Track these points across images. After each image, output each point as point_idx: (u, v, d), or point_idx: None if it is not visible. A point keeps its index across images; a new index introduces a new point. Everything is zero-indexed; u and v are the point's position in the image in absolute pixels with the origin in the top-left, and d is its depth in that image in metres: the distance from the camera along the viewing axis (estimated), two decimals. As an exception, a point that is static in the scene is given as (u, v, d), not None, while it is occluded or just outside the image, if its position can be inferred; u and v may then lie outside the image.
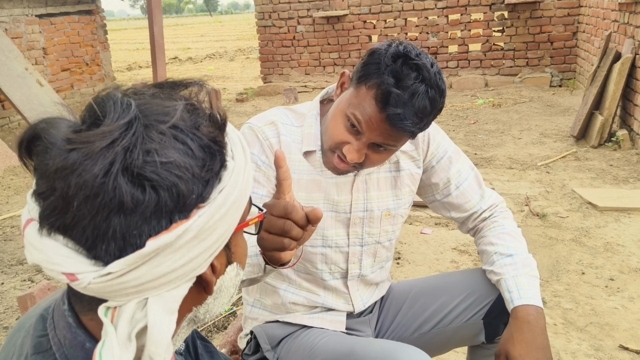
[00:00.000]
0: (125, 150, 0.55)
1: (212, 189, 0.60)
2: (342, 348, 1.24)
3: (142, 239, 0.56)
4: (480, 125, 5.96)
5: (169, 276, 0.59)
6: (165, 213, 0.57)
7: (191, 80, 0.66)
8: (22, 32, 7.54)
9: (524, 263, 1.32)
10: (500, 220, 1.43)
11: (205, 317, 0.71)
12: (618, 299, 2.51)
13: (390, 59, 1.15)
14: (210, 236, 0.61)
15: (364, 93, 1.17)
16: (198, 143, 0.60)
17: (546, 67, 7.85)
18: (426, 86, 1.13)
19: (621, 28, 5.37)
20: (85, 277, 0.56)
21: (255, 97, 8.85)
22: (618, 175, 4.14)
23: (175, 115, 0.59)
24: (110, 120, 0.57)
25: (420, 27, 8.24)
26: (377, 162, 1.24)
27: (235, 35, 26.28)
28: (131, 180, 0.55)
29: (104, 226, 0.55)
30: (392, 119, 1.13)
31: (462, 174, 1.43)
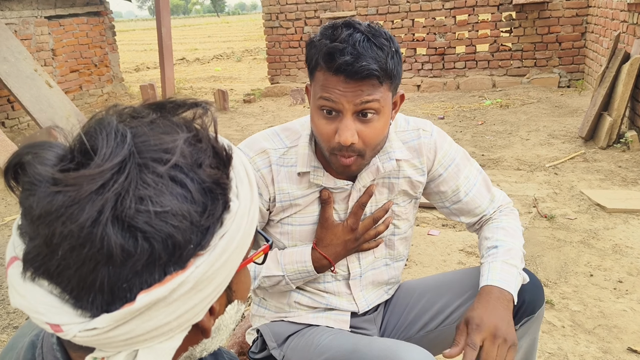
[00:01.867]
0: (116, 196, 0.50)
1: (212, 236, 0.55)
2: (347, 346, 1.26)
3: (133, 293, 0.52)
4: (487, 126, 5.95)
5: (161, 329, 0.55)
6: (159, 265, 0.52)
7: (195, 100, 0.60)
8: (31, 33, 7.60)
9: (504, 252, 1.32)
10: (500, 217, 1.44)
11: (202, 354, 0.67)
12: (626, 301, 2.49)
13: (320, 35, 1.18)
14: (209, 285, 0.56)
15: (317, 76, 1.19)
16: (199, 185, 0.54)
17: (554, 68, 7.82)
18: (363, 35, 1.14)
19: (630, 28, 5.34)
20: (71, 330, 0.53)
21: (263, 98, 8.86)
22: (627, 176, 4.12)
23: (175, 152, 0.53)
24: (101, 158, 0.51)
25: (427, 28, 8.23)
26: (375, 134, 1.20)
27: (242, 36, 26.34)
28: (121, 230, 0.50)
29: (90, 278, 0.51)
30: (346, 69, 1.12)
31: (470, 180, 1.42)
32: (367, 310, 1.46)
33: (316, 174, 1.31)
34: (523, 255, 1.37)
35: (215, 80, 11.88)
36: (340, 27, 1.16)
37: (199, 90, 10.35)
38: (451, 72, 8.29)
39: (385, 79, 1.16)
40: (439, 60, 8.29)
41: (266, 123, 6.98)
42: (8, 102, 7.10)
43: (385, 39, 1.16)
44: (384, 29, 1.19)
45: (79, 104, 8.18)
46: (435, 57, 8.29)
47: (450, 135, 6.01)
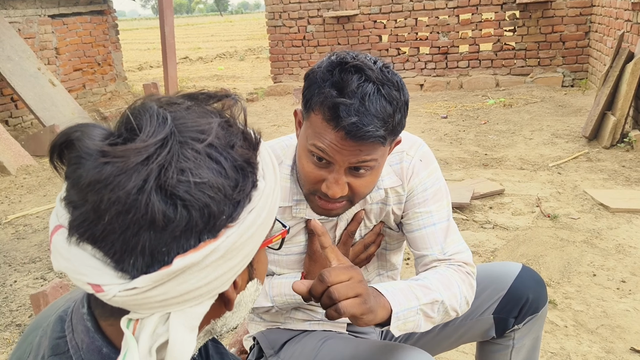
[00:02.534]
0: (159, 167, 0.55)
1: (242, 210, 0.61)
2: (346, 351, 1.24)
3: (170, 256, 0.57)
4: (491, 126, 5.94)
5: (193, 293, 0.59)
6: (195, 232, 0.57)
7: (226, 92, 0.66)
8: (35, 32, 7.61)
9: (420, 285, 1.15)
10: (444, 268, 1.25)
11: (222, 329, 0.72)
12: (630, 301, 2.49)
13: (325, 72, 1.06)
14: (236, 256, 0.61)
15: (314, 119, 1.08)
16: (232, 163, 0.60)
17: (558, 67, 7.80)
18: (374, 84, 1.04)
19: (634, 28, 5.32)
20: (111, 290, 0.57)
21: (266, 97, 8.87)
22: (630, 176, 4.10)
23: (211, 133, 0.59)
24: (146, 135, 0.57)
25: (430, 27, 8.21)
26: (366, 186, 1.14)
27: (245, 35, 26.34)
28: (164, 198, 0.55)
29: (133, 241, 0.56)
30: (351, 132, 1.02)
31: (432, 218, 1.29)
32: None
33: (299, 207, 1.25)
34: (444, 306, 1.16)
35: (218, 79, 11.88)
36: (350, 72, 1.04)
37: (202, 89, 10.33)
38: (454, 71, 8.28)
39: (389, 137, 1.08)
40: (442, 59, 8.27)
41: (269, 122, 6.98)
42: (12, 100, 7.11)
43: (396, 90, 1.06)
44: (397, 75, 1.09)
45: (82, 102, 8.19)
46: (439, 56, 8.27)
47: (453, 135, 5.97)
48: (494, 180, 4.18)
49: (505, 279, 1.38)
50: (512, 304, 1.35)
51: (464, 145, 5.26)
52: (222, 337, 2.31)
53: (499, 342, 1.43)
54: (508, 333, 1.41)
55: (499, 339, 1.42)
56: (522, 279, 1.37)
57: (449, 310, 1.18)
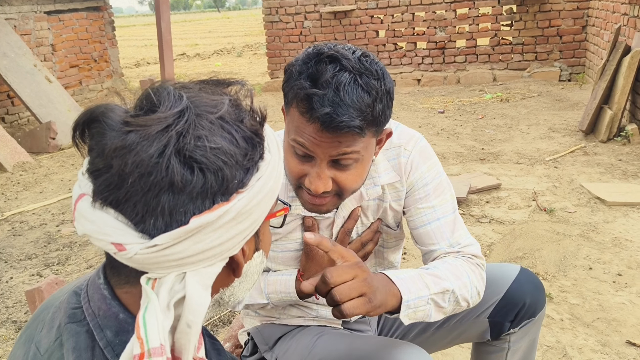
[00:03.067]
0: (178, 134, 0.61)
1: (251, 177, 0.66)
2: (341, 347, 1.23)
3: (187, 217, 0.61)
4: (488, 120, 5.93)
5: (206, 253, 0.64)
6: (210, 194, 0.62)
7: (234, 79, 0.73)
8: (31, 28, 7.58)
9: (430, 274, 1.14)
10: (452, 258, 1.23)
11: (230, 300, 0.76)
12: (625, 294, 2.49)
13: (302, 65, 1.03)
14: (246, 220, 0.66)
15: (292, 113, 1.06)
16: (242, 134, 0.65)
17: (555, 62, 7.79)
18: (350, 74, 1.00)
19: (631, 21, 5.31)
20: (133, 248, 0.61)
21: (263, 93, 8.85)
22: (627, 170, 4.10)
23: (223, 108, 0.65)
24: (165, 107, 0.62)
25: (427, 22, 8.20)
26: (353, 180, 1.11)
27: (242, 31, 26.27)
28: (182, 161, 0.60)
29: (154, 202, 0.60)
30: (325, 122, 0.99)
31: (435, 212, 1.26)
32: (357, 318, 1.43)
33: (295, 204, 1.22)
34: (454, 296, 1.14)
35: (216, 76, 11.82)
36: (325, 62, 1.01)
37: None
38: (452, 66, 8.26)
39: (369, 128, 1.04)
40: (439, 54, 8.26)
41: (266, 118, 6.97)
42: (8, 97, 7.09)
43: (375, 79, 1.02)
44: (378, 63, 1.05)
45: (78, 99, 8.17)
46: (436, 51, 8.26)
47: (450, 129, 5.97)
48: (491, 174, 4.18)
49: (502, 282, 1.34)
50: (508, 308, 1.32)
51: (461, 140, 5.25)
52: (218, 332, 2.30)
53: (495, 344, 1.41)
54: (504, 336, 1.38)
55: (494, 341, 1.40)
56: (520, 282, 1.34)
57: (459, 300, 1.15)
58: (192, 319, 0.63)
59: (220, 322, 2.45)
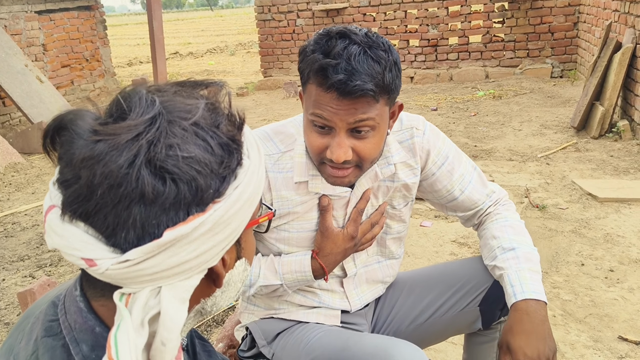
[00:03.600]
0: (149, 143, 0.58)
1: (228, 185, 0.63)
2: (336, 343, 1.24)
3: (160, 229, 0.59)
4: (480, 117, 5.95)
5: (182, 266, 0.61)
6: (184, 205, 0.59)
7: (212, 80, 0.69)
8: (22, 28, 7.54)
9: (526, 257, 1.28)
10: (503, 212, 1.40)
11: (212, 309, 0.73)
12: (617, 290, 2.50)
13: (314, 44, 1.12)
14: (223, 230, 0.63)
15: (310, 89, 1.13)
16: (217, 141, 0.62)
17: (547, 58, 7.82)
18: (359, 46, 1.07)
19: (622, 18, 5.34)
20: (104, 263, 0.59)
21: (256, 92, 8.84)
22: (618, 166, 4.13)
23: (197, 113, 0.62)
24: (135, 114, 0.60)
25: (420, 19, 8.20)
26: (370, 149, 1.16)
27: (236, 29, 26.22)
28: (153, 172, 0.58)
29: (124, 215, 0.58)
30: (340, 88, 1.06)
31: (465, 178, 1.39)
32: (359, 308, 1.44)
33: (315, 182, 1.26)
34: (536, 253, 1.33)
35: (209, 74, 11.81)
36: (335, 38, 1.09)
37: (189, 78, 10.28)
38: (444, 63, 8.28)
39: (382, 94, 1.11)
40: (431, 51, 8.27)
41: (259, 116, 6.96)
42: (-1, 98, 7.05)
43: (383, 50, 1.09)
44: (383, 38, 1.13)
45: (70, 99, 8.13)
46: (428, 48, 8.27)
47: (443, 127, 6.00)
48: (484, 171, 4.18)
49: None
50: (498, 295, 1.34)
51: (453, 137, 5.26)
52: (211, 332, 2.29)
53: (486, 333, 1.44)
54: (494, 325, 1.41)
55: (485, 331, 1.43)
56: None
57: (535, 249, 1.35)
58: (167, 337, 0.61)
59: (214, 322, 2.44)
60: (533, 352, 1.17)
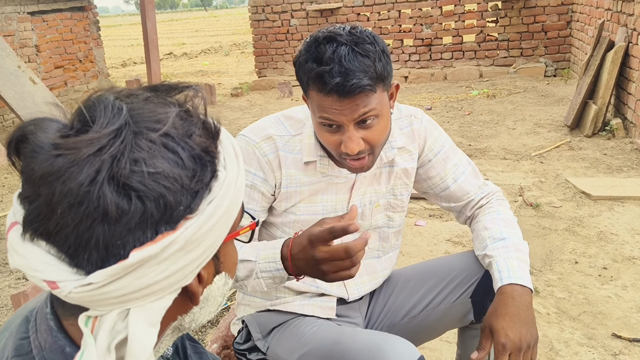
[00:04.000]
0: (112, 158, 0.54)
1: (201, 200, 0.59)
2: (330, 337, 1.26)
3: (126, 250, 0.55)
4: (474, 117, 5.96)
5: (152, 287, 0.58)
6: (151, 224, 0.55)
7: (187, 84, 0.65)
8: (14, 29, 7.50)
9: (515, 247, 1.32)
10: (497, 206, 1.44)
11: (191, 325, 0.70)
12: (611, 287, 2.51)
13: (305, 53, 1.17)
14: (197, 248, 0.59)
15: (312, 96, 1.19)
16: (189, 152, 0.58)
17: (540, 57, 7.84)
18: (347, 46, 1.13)
19: (614, 17, 5.36)
20: (66, 286, 0.55)
21: (250, 92, 8.83)
22: (612, 164, 4.14)
23: (167, 122, 0.58)
24: (99, 125, 0.55)
25: (414, 19, 8.21)
26: (379, 134, 1.22)
27: (230, 29, 26.19)
28: (117, 189, 0.54)
29: (87, 235, 0.54)
30: (340, 91, 1.12)
31: (459, 168, 1.44)
32: (356, 299, 1.46)
33: (322, 163, 1.32)
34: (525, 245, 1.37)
35: (203, 75, 11.80)
36: (323, 44, 1.14)
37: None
38: (438, 63, 8.29)
39: (378, 84, 1.16)
40: (426, 51, 8.29)
41: (254, 116, 6.95)
42: (-8, 99, 7.01)
43: (369, 43, 1.15)
44: (366, 30, 1.18)
45: (63, 100, 8.10)
46: (422, 48, 8.28)
47: (436, 126, 5.96)
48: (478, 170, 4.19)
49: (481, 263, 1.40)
50: (489, 287, 1.36)
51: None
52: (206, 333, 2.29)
53: (478, 326, 1.45)
54: None
55: (478, 324, 1.44)
56: None
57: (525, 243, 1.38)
58: None
59: (209, 322, 2.44)
60: (515, 334, 1.19)
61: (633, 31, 4.74)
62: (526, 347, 1.19)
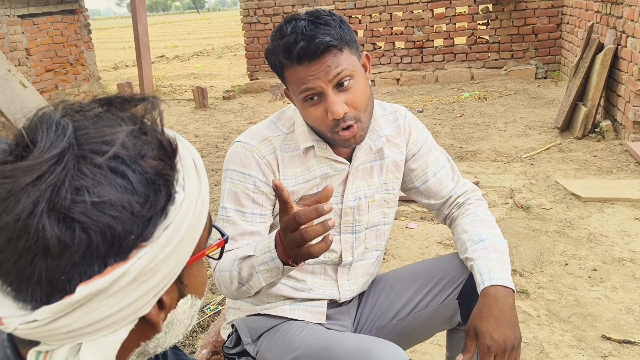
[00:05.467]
0: (52, 188, 0.50)
1: (155, 227, 0.55)
2: (319, 342, 1.26)
3: (72, 284, 0.52)
4: (466, 119, 5.98)
5: (104, 322, 0.54)
6: (98, 257, 0.52)
7: (143, 96, 0.61)
8: (4, 33, 7.46)
9: (495, 248, 1.34)
10: (474, 208, 1.45)
11: (156, 350, 0.66)
12: (601, 289, 2.53)
13: (270, 41, 1.26)
14: (153, 277, 0.55)
15: (288, 76, 1.24)
16: (141, 176, 0.54)
17: (531, 60, 7.88)
18: (306, 20, 1.20)
19: (604, 19, 5.40)
20: (11, 322, 0.52)
21: (242, 95, 8.82)
22: (602, 165, 4.17)
23: (116, 143, 0.53)
24: (39, 150, 0.51)
25: (405, 22, 8.24)
26: (359, 96, 1.24)
27: (222, 32, 26.16)
28: (57, 222, 0.50)
29: (28, 270, 0.51)
30: (306, 54, 1.17)
31: (439, 162, 1.48)
32: (347, 300, 1.47)
33: (320, 147, 1.34)
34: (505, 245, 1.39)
35: (196, 78, 11.78)
36: (284, 25, 1.22)
37: (179, 87, 10.26)
38: (430, 65, 8.32)
39: (343, 45, 1.21)
40: (417, 53, 8.31)
41: (246, 119, 6.95)
42: (-18, 103, 6.96)
43: (326, 15, 1.21)
44: (323, 8, 1.25)
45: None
46: (414, 50, 8.30)
47: (429, 129, 6.04)
48: (469, 172, 4.21)
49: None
50: (474, 288, 1.36)
51: (439, 139, 5.29)
52: (196, 338, 2.27)
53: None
54: None
55: (465, 325, 1.44)
56: None
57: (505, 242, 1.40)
58: None
59: (199, 327, 2.43)
60: (499, 336, 1.20)
61: (622, 33, 4.77)
62: (510, 349, 1.20)
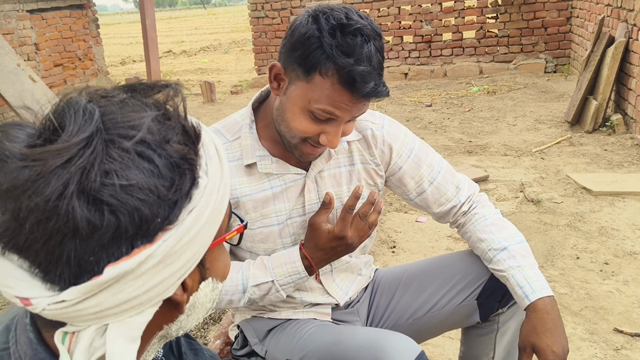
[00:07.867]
0: (81, 170, 0.51)
1: (180, 210, 0.56)
2: (329, 338, 1.24)
3: (100, 266, 0.52)
4: (475, 113, 5.95)
5: (130, 303, 0.55)
6: (126, 238, 0.53)
7: (166, 82, 0.61)
8: (13, 28, 7.49)
9: (520, 253, 1.30)
10: (480, 210, 1.39)
11: (178, 333, 0.67)
12: (612, 282, 2.52)
13: (328, 36, 1.06)
14: (178, 260, 0.57)
15: (322, 82, 1.09)
16: (166, 160, 0.55)
17: (540, 53, 7.84)
18: (371, 41, 1.08)
19: (614, 12, 5.35)
20: (40, 303, 0.53)
21: (250, 89, 8.82)
22: (612, 159, 4.14)
23: (142, 128, 0.54)
24: (68, 134, 0.52)
25: (414, 15, 8.21)
26: (349, 132, 1.20)
27: (229, 27, 26.16)
28: (87, 204, 0.51)
29: (57, 251, 0.52)
30: (369, 94, 1.08)
31: (434, 169, 1.37)
32: (349, 301, 1.43)
33: (264, 163, 1.25)
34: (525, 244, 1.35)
35: (203, 73, 11.79)
36: (352, 35, 1.06)
37: (186, 82, 10.27)
38: (438, 59, 8.28)
39: None
40: (425, 47, 8.28)
41: (254, 114, 6.95)
42: (-9, 98, 7.01)
43: (380, 39, 1.12)
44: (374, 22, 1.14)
45: (64, 98, 8.10)
46: (422, 44, 8.27)
47: (437, 123, 5.99)
48: (478, 166, 4.20)
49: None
50: (496, 288, 1.35)
51: (448, 133, 5.27)
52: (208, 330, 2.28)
53: (483, 326, 1.43)
54: (492, 317, 1.41)
55: (483, 324, 1.42)
56: None
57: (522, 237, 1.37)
58: None
59: (211, 319, 2.44)
60: (559, 349, 1.21)
61: (633, 27, 4.73)
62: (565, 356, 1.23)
